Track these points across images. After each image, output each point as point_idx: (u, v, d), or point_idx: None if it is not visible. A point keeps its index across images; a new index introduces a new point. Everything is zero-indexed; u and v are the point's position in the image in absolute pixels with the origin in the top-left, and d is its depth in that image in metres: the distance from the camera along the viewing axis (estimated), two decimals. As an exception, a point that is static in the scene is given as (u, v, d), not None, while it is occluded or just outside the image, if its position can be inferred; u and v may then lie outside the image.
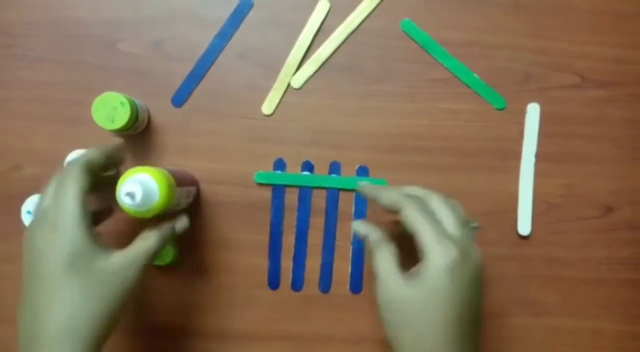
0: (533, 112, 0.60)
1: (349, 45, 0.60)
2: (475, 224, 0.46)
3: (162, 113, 0.59)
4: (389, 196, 0.45)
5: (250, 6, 0.60)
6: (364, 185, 0.51)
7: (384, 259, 0.43)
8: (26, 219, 0.53)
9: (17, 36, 0.59)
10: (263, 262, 0.59)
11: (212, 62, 0.60)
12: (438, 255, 0.39)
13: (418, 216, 0.42)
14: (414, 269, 0.43)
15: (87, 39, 0.59)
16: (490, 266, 0.60)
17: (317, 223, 0.59)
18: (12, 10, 0.59)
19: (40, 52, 0.59)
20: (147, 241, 0.44)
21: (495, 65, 0.60)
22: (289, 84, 0.60)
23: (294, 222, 0.59)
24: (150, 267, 0.45)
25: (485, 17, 0.60)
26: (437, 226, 0.41)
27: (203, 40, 0.59)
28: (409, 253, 0.44)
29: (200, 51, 0.59)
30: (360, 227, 0.47)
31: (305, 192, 0.59)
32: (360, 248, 0.60)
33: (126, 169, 0.45)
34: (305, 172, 0.59)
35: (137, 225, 0.59)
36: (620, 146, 0.60)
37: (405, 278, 0.41)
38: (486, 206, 0.60)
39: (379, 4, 0.60)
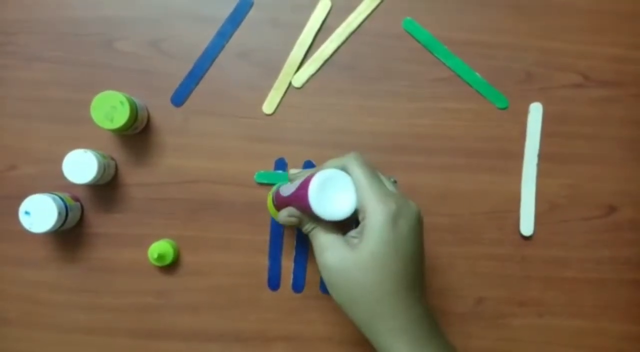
0: (535, 112, 0.60)
1: (350, 45, 0.60)
2: (393, 179, 0.47)
3: (161, 112, 0.59)
4: (328, 165, 0.44)
5: (250, 5, 0.59)
6: (294, 171, 0.50)
7: (324, 230, 0.43)
8: (23, 220, 0.52)
9: (13, 34, 0.58)
10: (263, 262, 0.59)
11: (212, 62, 0.59)
12: (378, 211, 0.40)
13: (360, 173, 0.42)
14: (350, 234, 0.43)
15: (85, 37, 0.59)
16: (493, 267, 0.60)
17: (318, 223, 0.59)
18: (9, 9, 0.58)
19: (37, 51, 0.58)
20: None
21: (497, 64, 0.60)
22: (290, 84, 0.59)
23: (295, 223, 0.59)
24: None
25: (488, 16, 0.60)
26: (373, 182, 0.42)
27: (202, 39, 0.59)
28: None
29: (200, 50, 0.59)
30: (283, 216, 0.46)
31: (306, 193, 0.59)
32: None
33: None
34: (307, 172, 0.59)
35: (128, 225, 0.59)
36: (623, 146, 0.60)
37: (346, 242, 0.42)
38: (488, 206, 0.60)
39: (380, 4, 0.59)
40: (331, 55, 0.59)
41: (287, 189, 0.46)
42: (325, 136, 0.59)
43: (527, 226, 0.59)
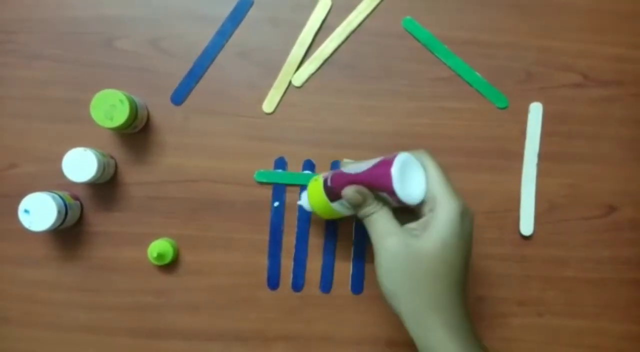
0: (535, 112, 0.60)
1: (350, 44, 0.60)
2: None
3: (161, 111, 0.59)
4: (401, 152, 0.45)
5: (250, 4, 0.59)
6: (348, 161, 0.51)
7: (388, 216, 0.44)
8: (23, 219, 0.52)
9: (13, 33, 0.58)
10: (263, 262, 0.59)
11: (212, 61, 0.59)
12: (452, 205, 0.41)
13: (434, 167, 0.43)
14: (410, 226, 0.43)
15: (85, 36, 0.59)
16: (493, 266, 0.59)
17: (318, 223, 0.59)
18: (8, 8, 0.58)
19: (37, 50, 0.58)
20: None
21: (497, 64, 0.60)
22: (290, 82, 0.59)
23: (295, 222, 0.59)
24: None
25: (488, 16, 0.60)
26: (447, 179, 0.43)
27: (202, 38, 0.59)
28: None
29: (200, 49, 0.59)
30: (349, 191, 0.45)
31: (306, 192, 0.59)
32: (361, 248, 0.59)
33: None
34: (307, 171, 0.59)
35: (127, 224, 0.59)
36: (623, 146, 0.60)
37: (410, 232, 0.42)
38: (488, 205, 0.60)
39: (380, 3, 0.59)
40: (331, 55, 0.59)
41: (356, 168, 0.46)
42: (325, 135, 0.59)
43: (527, 226, 0.59)
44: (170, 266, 0.58)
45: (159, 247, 0.56)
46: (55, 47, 0.58)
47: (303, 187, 0.58)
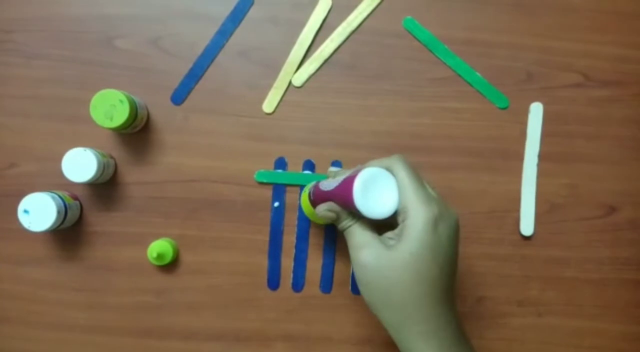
0: (536, 112, 0.60)
1: (351, 44, 0.59)
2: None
3: (161, 111, 0.59)
4: (372, 164, 0.45)
5: (251, 4, 0.59)
6: (334, 169, 0.50)
7: (361, 228, 0.43)
8: (22, 218, 0.52)
9: (13, 32, 0.58)
10: (263, 262, 0.59)
11: (212, 60, 0.59)
12: (420, 213, 0.40)
13: (404, 175, 0.42)
14: (387, 235, 0.43)
15: (85, 35, 0.58)
16: (493, 266, 0.59)
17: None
18: (7, 7, 0.58)
19: (36, 49, 0.58)
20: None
21: (497, 64, 0.60)
22: (290, 82, 0.59)
23: (295, 222, 0.59)
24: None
25: (488, 15, 0.60)
26: (418, 185, 0.42)
27: (203, 37, 0.59)
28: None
29: (200, 49, 0.59)
30: (320, 210, 0.46)
31: (306, 192, 0.59)
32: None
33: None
34: (307, 171, 0.59)
35: (127, 224, 0.59)
36: (623, 146, 0.60)
37: (383, 242, 0.42)
38: (488, 205, 0.60)
39: (380, 3, 0.59)
40: (331, 54, 0.59)
41: (328, 184, 0.46)
42: (325, 135, 0.59)
43: (527, 226, 0.59)
44: (170, 266, 0.58)
45: (159, 247, 0.56)
46: (55, 47, 0.58)
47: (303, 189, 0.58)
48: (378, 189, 0.41)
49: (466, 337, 0.43)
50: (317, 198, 0.48)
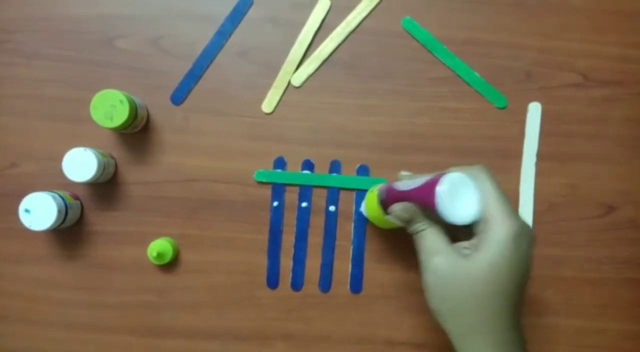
0: (534, 111, 0.60)
1: (350, 44, 0.60)
2: None
3: (161, 111, 0.59)
4: (454, 170, 0.44)
5: (250, 4, 0.59)
6: (406, 173, 0.50)
7: (435, 233, 0.42)
8: (23, 218, 0.52)
9: (13, 32, 0.58)
10: (262, 261, 0.59)
11: (212, 60, 0.59)
12: (505, 226, 0.40)
13: (489, 186, 0.42)
14: (462, 244, 0.42)
15: (85, 35, 0.59)
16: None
17: (317, 222, 0.59)
18: (7, 7, 0.58)
19: (36, 49, 0.58)
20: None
21: (496, 63, 0.60)
22: (289, 82, 0.59)
23: (294, 222, 0.59)
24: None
25: (487, 15, 0.60)
26: (503, 198, 0.41)
27: (202, 38, 0.59)
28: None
29: (200, 49, 0.59)
30: (396, 209, 0.45)
31: (305, 191, 0.59)
32: (360, 248, 0.59)
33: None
34: (306, 171, 0.59)
35: (127, 224, 0.59)
36: (622, 145, 0.60)
37: (458, 250, 0.41)
38: (487, 205, 0.59)
39: (379, 3, 0.59)
40: (330, 54, 0.59)
41: (406, 185, 0.46)
42: (324, 135, 0.59)
43: (526, 225, 0.59)
44: (170, 265, 0.58)
45: (159, 246, 0.56)
46: (55, 47, 0.59)
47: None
48: (461, 195, 0.41)
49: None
50: (390, 199, 0.47)
